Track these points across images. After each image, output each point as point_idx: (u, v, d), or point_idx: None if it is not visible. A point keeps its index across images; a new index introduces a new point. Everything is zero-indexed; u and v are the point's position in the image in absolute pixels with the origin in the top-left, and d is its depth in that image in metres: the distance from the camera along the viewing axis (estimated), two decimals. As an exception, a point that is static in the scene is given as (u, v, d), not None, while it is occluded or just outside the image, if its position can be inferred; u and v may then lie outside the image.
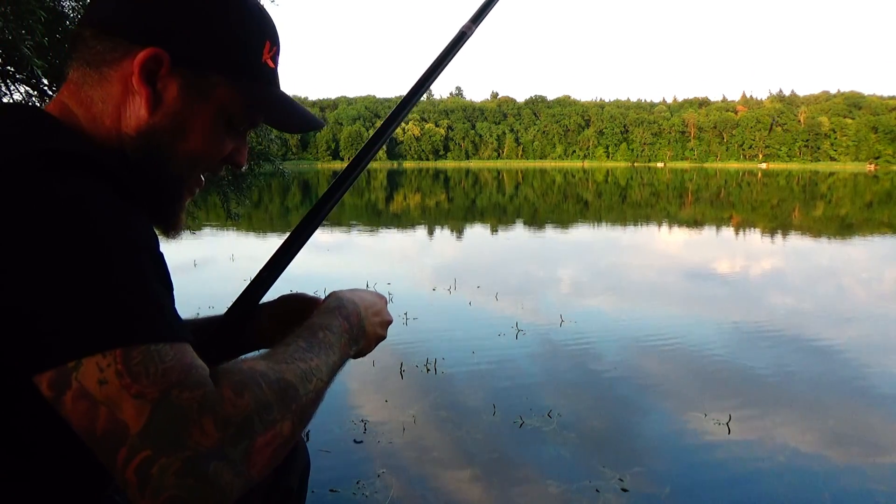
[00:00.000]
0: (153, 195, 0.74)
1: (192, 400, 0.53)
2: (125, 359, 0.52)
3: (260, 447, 0.56)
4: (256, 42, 0.75)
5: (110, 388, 0.51)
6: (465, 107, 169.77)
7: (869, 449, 2.79)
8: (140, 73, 0.68)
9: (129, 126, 0.70)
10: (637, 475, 2.48)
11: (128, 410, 0.51)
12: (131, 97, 0.69)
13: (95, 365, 0.51)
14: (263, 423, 0.56)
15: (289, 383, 0.61)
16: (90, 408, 0.51)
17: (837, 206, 20.03)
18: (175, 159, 0.73)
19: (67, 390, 0.52)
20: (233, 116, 0.75)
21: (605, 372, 3.83)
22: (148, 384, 0.52)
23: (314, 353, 0.68)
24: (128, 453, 0.51)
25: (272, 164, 6.19)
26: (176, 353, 0.55)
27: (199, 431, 0.52)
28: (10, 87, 5.02)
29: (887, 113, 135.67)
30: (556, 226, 13.42)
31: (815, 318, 5.32)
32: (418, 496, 2.33)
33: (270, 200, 21.23)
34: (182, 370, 0.54)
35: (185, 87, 0.70)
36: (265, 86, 0.77)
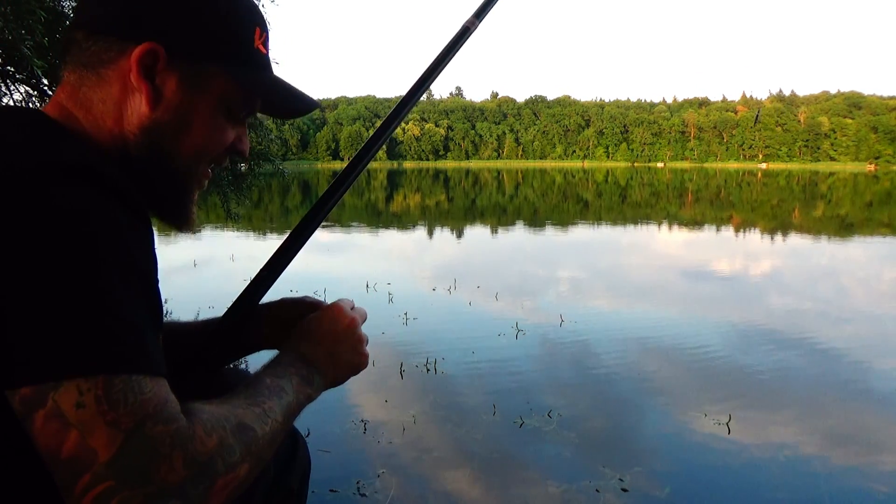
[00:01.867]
0: (162, 192, 0.75)
1: (164, 434, 0.53)
2: (106, 386, 0.52)
3: (219, 489, 0.56)
4: (247, 29, 0.75)
5: (86, 413, 0.51)
6: (465, 107, 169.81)
7: (869, 449, 2.79)
8: (138, 70, 0.67)
9: (131, 124, 0.69)
10: (637, 475, 2.48)
11: (99, 437, 0.51)
12: (131, 95, 0.69)
13: (76, 387, 0.51)
14: (225, 464, 0.57)
15: (249, 427, 0.62)
16: (60, 429, 0.51)
17: (837, 206, 20.03)
18: (180, 153, 0.73)
19: (40, 409, 0.51)
20: (232, 104, 0.75)
21: (605, 372, 3.83)
22: (124, 413, 0.52)
23: (267, 398, 0.69)
24: (90, 481, 0.50)
25: (272, 164, 6.19)
26: (154, 386, 0.55)
27: (167, 467, 0.52)
28: (10, 87, 5.02)
29: (887, 113, 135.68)
30: (556, 226, 13.42)
31: (815, 318, 5.32)
32: (418, 496, 2.33)
33: (270, 200, 21.23)
34: (158, 403, 0.54)
35: (184, 79, 0.70)
36: (260, 71, 0.77)
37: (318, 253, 8.56)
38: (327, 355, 0.82)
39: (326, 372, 0.82)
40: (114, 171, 0.63)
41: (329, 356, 0.82)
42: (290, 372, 0.76)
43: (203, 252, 8.58)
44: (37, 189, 0.56)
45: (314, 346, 0.81)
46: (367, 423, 2.97)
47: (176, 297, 5.39)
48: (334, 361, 0.83)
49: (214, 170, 0.81)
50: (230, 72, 0.73)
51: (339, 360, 0.84)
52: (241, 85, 0.74)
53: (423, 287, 6.36)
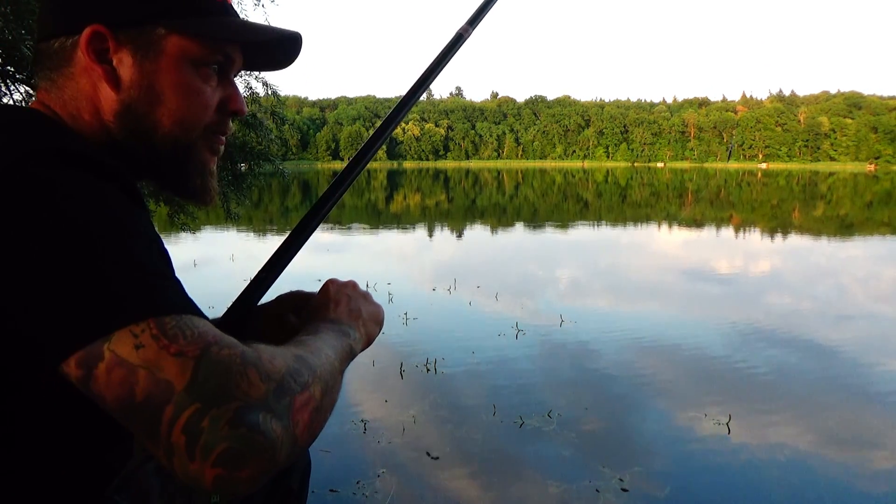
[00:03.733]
0: (162, 169, 0.73)
1: (233, 355, 0.53)
2: (159, 325, 0.52)
3: (299, 406, 0.55)
4: None
5: (148, 351, 0.50)
6: (465, 107, 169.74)
7: (869, 449, 2.79)
8: (90, 56, 0.66)
9: (106, 112, 0.69)
10: (637, 475, 2.48)
11: (170, 369, 0.50)
12: (98, 83, 0.68)
13: (129, 333, 0.51)
14: (298, 384, 0.56)
15: (307, 359, 0.62)
16: (128, 374, 0.50)
17: (837, 207, 20.03)
18: (160, 126, 0.70)
19: (100, 362, 0.50)
20: (197, 60, 0.70)
21: (605, 372, 3.83)
22: (186, 344, 0.52)
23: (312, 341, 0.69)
24: (174, 411, 0.49)
25: (272, 164, 6.19)
26: (204, 323, 0.56)
27: (246, 382, 0.51)
28: (10, 88, 5.02)
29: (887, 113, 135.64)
30: (556, 226, 13.42)
31: (814, 318, 5.32)
32: (418, 496, 2.33)
33: (270, 200, 21.23)
34: (216, 334, 0.54)
35: (136, 50, 0.68)
36: (215, 17, 0.72)
37: (319, 253, 8.56)
38: (348, 311, 0.82)
39: (357, 326, 0.81)
40: (106, 157, 0.63)
41: (350, 312, 0.82)
42: (324, 329, 0.75)
43: (203, 252, 8.58)
44: (40, 172, 0.56)
45: (333, 311, 0.81)
46: (367, 423, 2.97)
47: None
48: (358, 315, 0.83)
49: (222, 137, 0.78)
50: (180, 27, 0.69)
51: (360, 313, 0.83)
52: (198, 36, 0.69)
53: (423, 287, 6.36)
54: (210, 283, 6.47)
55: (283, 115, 6.65)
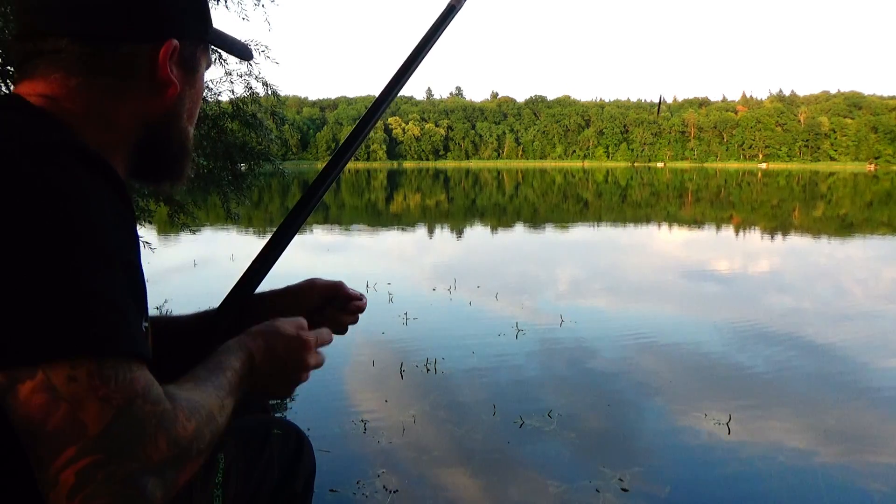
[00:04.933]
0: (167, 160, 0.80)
1: (152, 414, 0.54)
2: (99, 364, 0.53)
3: (187, 472, 0.58)
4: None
5: (78, 388, 0.51)
6: (465, 107, 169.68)
7: (869, 449, 2.79)
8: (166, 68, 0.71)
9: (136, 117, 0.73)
10: (637, 475, 2.48)
11: (90, 412, 0.51)
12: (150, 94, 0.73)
13: (69, 363, 0.52)
14: (197, 450, 0.59)
15: (214, 418, 0.63)
16: (49, 402, 0.51)
17: (837, 206, 20.03)
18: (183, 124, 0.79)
19: (28, 381, 0.51)
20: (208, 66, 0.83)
21: (605, 372, 3.83)
22: (115, 390, 0.52)
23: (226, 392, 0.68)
24: (76, 453, 0.50)
25: (272, 164, 6.20)
26: (140, 369, 0.56)
27: (153, 446, 0.53)
28: (10, 88, 5.02)
29: (887, 113, 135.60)
30: (556, 226, 13.42)
31: (815, 318, 5.32)
32: (418, 496, 2.33)
33: (270, 200, 21.23)
34: (146, 384, 0.55)
35: (183, 63, 0.75)
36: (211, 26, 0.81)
37: (319, 253, 8.56)
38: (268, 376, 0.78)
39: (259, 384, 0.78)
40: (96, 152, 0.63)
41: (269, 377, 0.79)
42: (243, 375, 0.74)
43: (203, 252, 8.58)
44: (22, 169, 0.56)
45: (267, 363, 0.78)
46: (367, 423, 2.97)
47: (176, 297, 5.39)
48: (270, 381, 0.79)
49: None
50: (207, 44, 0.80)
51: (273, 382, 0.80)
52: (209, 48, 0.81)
53: (423, 287, 6.36)
54: (210, 283, 6.47)
55: (283, 115, 6.65)
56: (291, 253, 0.98)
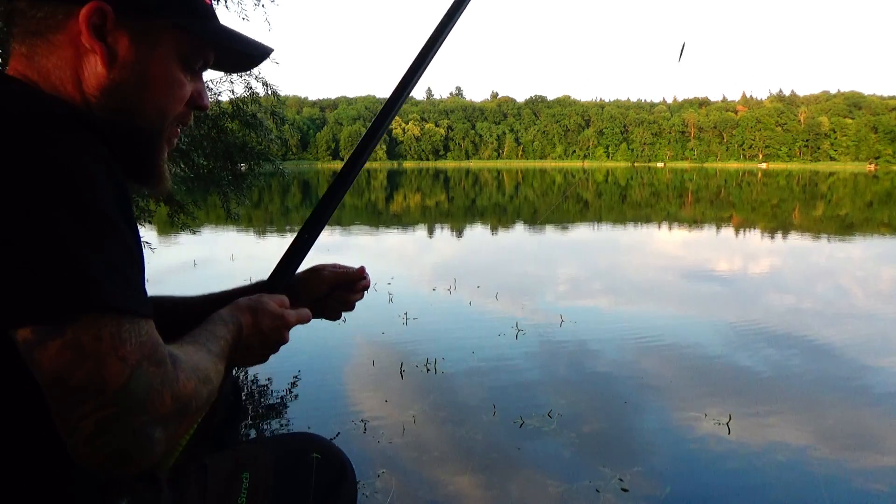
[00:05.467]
0: (131, 152, 0.75)
1: (157, 373, 0.60)
2: (119, 324, 0.58)
3: (186, 426, 0.64)
4: None
5: (102, 346, 0.56)
6: (465, 107, 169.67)
7: (869, 448, 2.79)
8: (89, 30, 0.67)
9: (91, 87, 0.69)
10: (637, 475, 2.48)
11: (111, 369, 0.56)
12: (86, 57, 0.69)
13: (95, 322, 0.56)
14: (195, 406, 0.65)
15: (210, 379, 0.69)
16: (76, 358, 0.55)
17: (837, 206, 20.03)
18: (143, 111, 0.73)
19: (57, 338, 0.55)
20: (185, 56, 0.76)
21: (605, 372, 3.83)
22: (131, 350, 0.58)
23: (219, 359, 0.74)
24: (97, 406, 0.56)
25: (272, 164, 6.19)
26: (149, 329, 0.61)
27: (159, 401, 0.59)
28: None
29: (887, 113, 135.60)
30: (556, 226, 13.42)
31: (815, 317, 5.32)
32: (418, 496, 2.33)
33: (270, 200, 21.23)
34: (153, 344, 0.61)
35: (135, 35, 0.71)
36: (207, 20, 0.77)
37: (319, 253, 8.52)
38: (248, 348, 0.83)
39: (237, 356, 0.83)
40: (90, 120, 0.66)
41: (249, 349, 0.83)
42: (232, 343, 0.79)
43: (203, 252, 8.58)
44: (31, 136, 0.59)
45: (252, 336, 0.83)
46: (367, 423, 2.97)
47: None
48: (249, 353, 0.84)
49: (182, 129, 0.82)
50: (179, 23, 0.74)
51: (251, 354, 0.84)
52: (191, 34, 0.75)
53: (423, 287, 6.36)
54: (210, 283, 6.46)
55: (283, 115, 6.65)
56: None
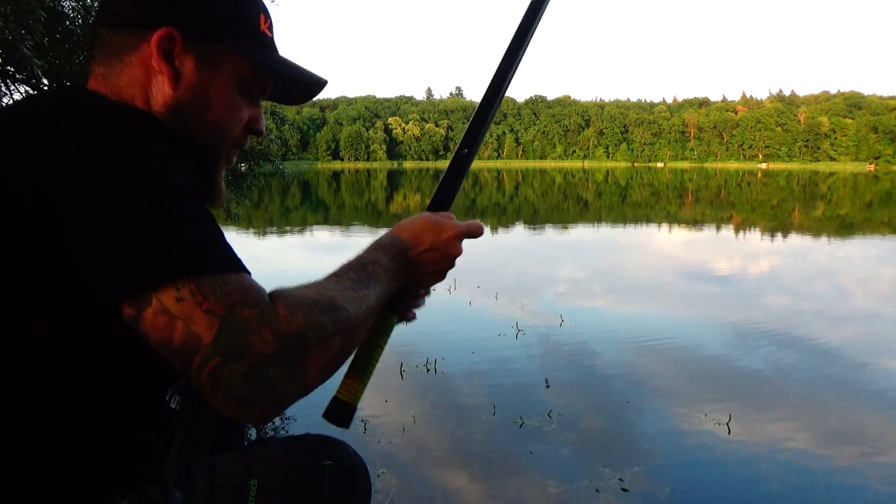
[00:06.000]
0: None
1: (251, 316, 0.60)
2: (198, 283, 0.60)
3: (313, 359, 0.63)
4: (252, 13, 0.83)
5: (186, 305, 0.59)
6: (465, 107, 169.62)
7: (869, 448, 2.79)
8: (158, 53, 0.75)
9: (157, 103, 0.77)
10: (637, 475, 2.48)
11: (201, 323, 0.59)
12: (154, 77, 0.76)
13: (174, 287, 0.60)
14: (316, 338, 0.63)
15: (339, 306, 0.68)
16: (169, 321, 0.59)
17: (837, 206, 20.03)
18: (203, 129, 0.80)
19: (148, 308, 0.60)
20: (244, 82, 0.82)
21: (605, 372, 3.82)
22: (216, 302, 0.60)
23: (363, 286, 0.74)
24: (201, 360, 0.59)
25: (272, 164, 6.20)
26: (236, 278, 0.63)
27: (259, 341, 0.60)
28: (10, 87, 5.02)
29: (887, 113, 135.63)
30: (556, 226, 13.42)
31: (814, 317, 5.32)
32: (418, 496, 2.33)
33: (270, 200, 21.22)
34: (242, 291, 0.62)
35: (199, 59, 0.78)
36: (267, 50, 0.84)
37: (319, 253, 8.56)
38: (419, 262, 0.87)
39: (412, 276, 0.87)
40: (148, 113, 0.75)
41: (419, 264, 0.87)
42: (391, 265, 0.81)
43: (203, 252, 8.56)
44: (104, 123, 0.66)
45: (406, 250, 0.85)
46: (367, 423, 2.97)
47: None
48: (422, 270, 0.88)
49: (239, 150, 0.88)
50: (240, 50, 0.80)
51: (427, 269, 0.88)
52: (251, 62, 0.81)
53: (423, 287, 6.35)
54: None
55: (283, 115, 6.65)
56: (289, 252, 0.99)
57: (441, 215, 0.91)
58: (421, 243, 0.86)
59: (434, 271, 0.90)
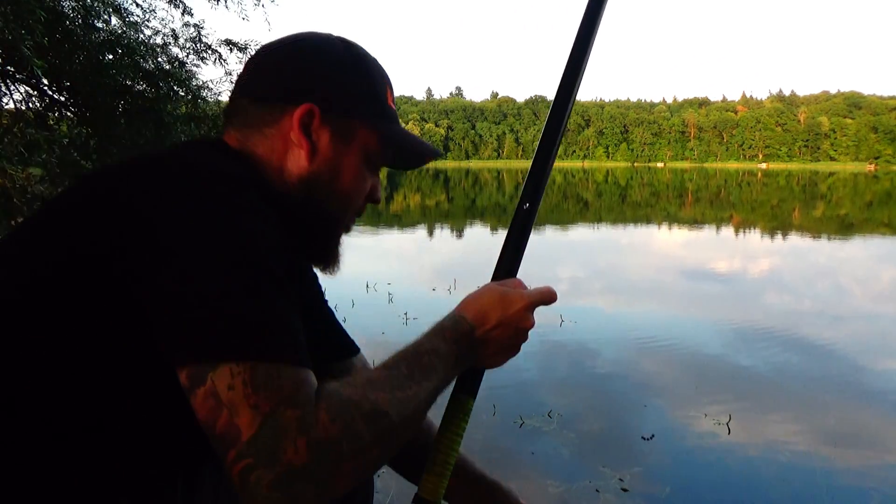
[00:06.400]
0: (315, 235, 0.86)
1: (292, 418, 0.58)
2: (253, 371, 0.59)
3: (346, 471, 0.60)
4: (381, 88, 0.87)
5: (235, 395, 0.58)
6: (465, 107, 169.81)
7: (869, 448, 2.79)
8: (299, 127, 0.79)
9: (291, 175, 0.81)
10: (637, 475, 2.48)
11: (244, 418, 0.57)
12: (291, 149, 0.81)
13: (229, 371, 0.58)
14: (352, 448, 0.60)
15: (381, 413, 0.64)
16: (215, 407, 0.58)
17: (837, 206, 20.03)
18: (331, 200, 0.84)
19: (201, 386, 0.59)
20: (371, 154, 0.86)
21: (605, 372, 3.83)
22: (263, 398, 0.58)
23: (414, 381, 0.70)
24: (235, 456, 0.57)
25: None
26: (292, 373, 0.61)
27: (292, 450, 0.57)
28: (10, 87, 5.02)
29: (887, 113, 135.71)
30: (556, 226, 13.42)
31: (814, 318, 5.32)
32: (418, 496, 2.32)
33: (270, 200, 21.20)
34: (292, 388, 0.60)
35: (335, 133, 0.82)
36: (393, 124, 0.88)
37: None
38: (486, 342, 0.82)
39: (482, 356, 0.82)
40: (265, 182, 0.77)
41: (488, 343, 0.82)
42: (452, 351, 0.76)
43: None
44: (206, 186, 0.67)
45: (472, 331, 0.81)
46: (367, 423, 2.97)
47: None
48: (493, 349, 0.83)
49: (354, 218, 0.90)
50: (371, 125, 0.84)
51: (498, 347, 0.83)
52: (381, 136, 0.85)
53: (423, 287, 6.37)
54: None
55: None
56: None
57: (508, 284, 0.88)
58: (487, 321, 0.82)
59: (506, 347, 0.84)
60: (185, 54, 5.75)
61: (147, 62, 5.24)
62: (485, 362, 0.84)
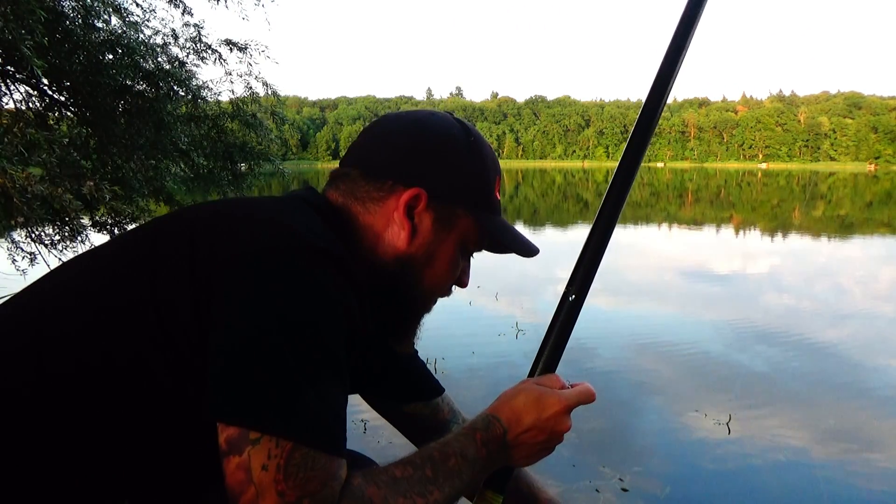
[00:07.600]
0: (398, 315, 0.85)
1: None
2: (289, 455, 0.59)
3: None
4: (491, 178, 0.85)
5: (266, 477, 0.58)
6: (465, 107, 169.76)
7: (869, 448, 2.79)
8: (404, 209, 0.79)
9: (387, 251, 0.80)
10: (637, 475, 2.48)
11: (268, 502, 0.58)
12: (391, 227, 0.80)
13: (267, 449, 0.59)
14: None
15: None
16: (245, 481, 0.58)
17: (837, 206, 20.03)
18: (422, 283, 0.83)
19: (236, 455, 0.59)
20: (468, 242, 0.85)
21: (605, 371, 3.82)
22: (292, 486, 0.58)
23: (437, 485, 0.69)
24: None
25: (272, 164, 6.20)
26: (325, 464, 0.61)
27: None
28: (10, 87, 5.02)
29: (887, 113, 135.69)
30: (556, 226, 13.42)
31: (814, 318, 5.32)
32: (418, 496, 2.32)
33: (270, 200, 21.20)
34: (320, 482, 0.60)
35: (437, 219, 0.81)
36: (494, 215, 0.87)
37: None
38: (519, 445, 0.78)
39: (513, 458, 0.79)
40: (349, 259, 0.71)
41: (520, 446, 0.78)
42: (481, 455, 0.74)
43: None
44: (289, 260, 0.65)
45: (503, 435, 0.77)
46: (367, 422, 2.97)
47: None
48: (525, 452, 0.79)
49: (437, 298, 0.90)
50: (474, 215, 0.83)
51: (531, 450, 0.79)
52: (479, 227, 0.84)
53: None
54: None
55: (283, 115, 6.65)
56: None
57: (545, 382, 0.83)
58: (520, 424, 0.76)
59: (539, 451, 0.79)
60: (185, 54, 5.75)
61: (147, 62, 5.24)
62: (516, 463, 0.80)
